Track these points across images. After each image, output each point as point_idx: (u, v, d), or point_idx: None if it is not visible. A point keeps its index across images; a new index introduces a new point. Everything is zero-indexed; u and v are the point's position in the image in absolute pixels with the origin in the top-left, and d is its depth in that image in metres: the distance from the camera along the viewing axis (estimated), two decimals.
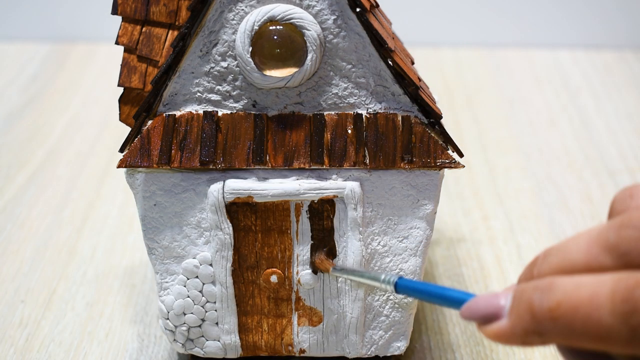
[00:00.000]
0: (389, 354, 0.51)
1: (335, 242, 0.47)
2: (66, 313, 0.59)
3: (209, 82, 0.45)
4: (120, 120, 0.49)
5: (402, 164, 0.45)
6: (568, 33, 1.03)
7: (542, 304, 0.27)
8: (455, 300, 0.34)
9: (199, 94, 0.46)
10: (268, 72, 0.44)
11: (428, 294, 0.37)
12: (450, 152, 0.46)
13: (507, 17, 1.03)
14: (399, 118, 0.45)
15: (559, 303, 0.27)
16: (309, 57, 0.44)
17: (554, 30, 1.03)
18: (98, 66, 0.98)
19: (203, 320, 0.49)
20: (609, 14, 1.02)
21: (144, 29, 0.48)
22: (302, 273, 0.48)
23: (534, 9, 1.03)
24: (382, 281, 0.41)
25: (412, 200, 0.47)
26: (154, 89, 0.45)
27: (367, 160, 0.45)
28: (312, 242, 0.47)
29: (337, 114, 0.46)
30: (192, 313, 0.49)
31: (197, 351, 0.50)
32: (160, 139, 0.45)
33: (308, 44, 0.44)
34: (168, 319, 0.49)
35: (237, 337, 0.49)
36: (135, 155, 0.45)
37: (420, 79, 0.48)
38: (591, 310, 0.26)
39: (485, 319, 0.30)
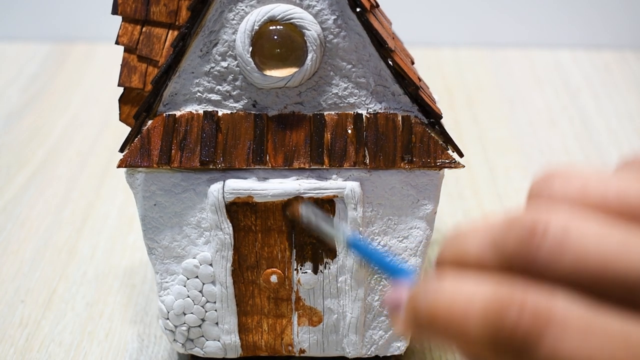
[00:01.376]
0: (389, 354, 0.51)
1: (335, 242, 0.47)
2: (66, 313, 0.59)
3: (209, 82, 0.45)
4: (120, 120, 0.49)
5: (402, 164, 0.45)
6: (568, 33, 1.03)
7: (424, 306, 0.27)
8: (393, 271, 0.33)
9: (199, 93, 0.46)
10: (268, 72, 0.44)
11: (373, 260, 0.36)
12: (450, 152, 0.46)
13: (507, 17, 1.03)
14: (399, 118, 0.45)
15: (437, 308, 0.26)
16: (309, 57, 0.44)
17: (554, 30, 1.03)
18: (98, 66, 0.98)
19: (203, 320, 0.49)
20: (609, 14, 1.02)
21: (144, 29, 0.48)
22: (302, 273, 0.48)
23: (534, 9, 1.03)
24: (341, 233, 0.41)
25: (412, 200, 0.47)
26: (154, 88, 0.45)
27: (367, 160, 0.45)
28: (312, 242, 0.47)
29: (337, 113, 0.46)
30: (192, 313, 0.49)
31: (197, 351, 0.50)
32: (160, 138, 0.45)
33: (308, 44, 0.44)
34: (168, 319, 0.49)
35: (237, 337, 0.49)
36: (135, 155, 0.45)
37: (420, 79, 0.48)
38: (463, 321, 0.25)
39: (393, 310, 0.30)
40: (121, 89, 0.48)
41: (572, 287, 0.24)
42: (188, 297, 0.48)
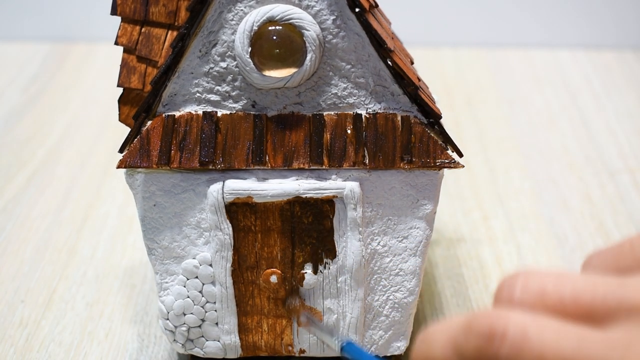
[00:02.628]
0: (389, 354, 0.51)
1: (335, 242, 0.47)
2: (66, 313, 0.59)
3: (208, 83, 0.45)
4: (120, 120, 0.49)
5: (401, 164, 0.45)
6: (568, 33, 1.03)
7: None
8: None
9: (198, 94, 0.46)
10: (267, 73, 0.44)
11: None
12: (450, 152, 0.46)
13: (507, 17, 1.03)
14: (399, 118, 0.45)
15: None
16: (308, 57, 0.44)
17: (554, 30, 1.03)
18: (98, 66, 0.98)
19: (203, 320, 0.49)
20: (609, 14, 1.02)
21: (143, 30, 0.48)
22: (302, 273, 0.48)
23: (534, 9, 1.03)
24: (335, 340, 0.42)
25: (411, 200, 0.47)
26: (154, 89, 0.45)
27: (367, 161, 0.45)
28: (312, 242, 0.47)
29: (337, 114, 0.46)
30: (192, 313, 0.49)
31: (197, 351, 0.50)
32: (160, 139, 0.45)
33: (307, 44, 0.44)
34: (168, 319, 0.49)
35: (237, 338, 0.49)
36: (135, 155, 0.45)
37: (419, 79, 0.48)
38: None
39: None
40: (121, 90, 0.48)
41: None
42: (188, 297, 0.48)
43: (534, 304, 0.26)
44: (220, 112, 0.46)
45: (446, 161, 0.45)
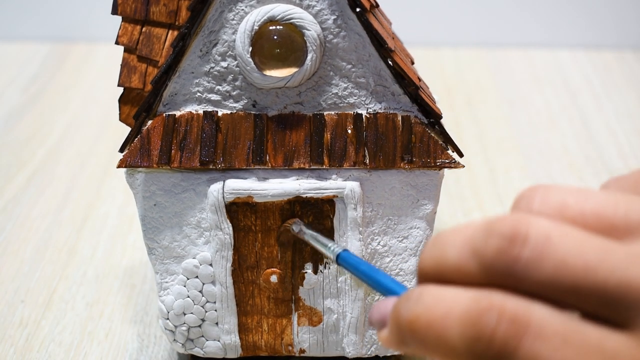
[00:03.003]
0: (389, 354, 0.51)
1: (335, 242, 0.47)
2: (66, 313, 0.59)
3: (208, 82, 0.45)
4: (120, 120, 0.49)
5: (402, 164, 0.45)
6: (568, 33, 1.03)
7: (405, 315, 0.27)
8: (385, 288, 0.33)
9: (198, 94, 0.46)
10: (268, 72, 0.44)
11: (363, 274, 0.36)
12: (450, 152, 0.46)
13: (507, 17, 1.03)
14: (399, 118, 0.45)
15: (418, 316, 0.26)
16: (308, 57, 0.44)
17: (554, 30, 1.03)
18: (98, 66, 0.98)
19: (203, 320, 0.49)
20: (609, 14, 1.02)
21: (144, 29, 0.48)
22: (302, 273, 0.48)
23: (534, 9, 1.03)
24: (328, 248, 0.41)
25: (412, 200, 0.47)
26: (154, 89, 0.45)
27: (367, 160, 0.45)
28: None
29: (337, 113, 0.46)
30: (192, 313, 0.49)
31: (197, 351, 0.50)
32: (160, 139, 0.45)
33: (308, 44, 0.44)
34: (168, 319, 0.49)
35: (237, 337, 0.49)
36: (135, 155, 0.45)
37: (420, 79, 0.48)
38: (442, 329, 0.26)
39: (379, 325, 0.30)
40: (121, 89, 0.48)
41: (551, 295, 0.25)
42: (188, 297, 0.48)
43: (553, 216, 0.26)
44: (220, 112, 0.46)
45: (446, 161, 0.45)
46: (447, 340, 0.26)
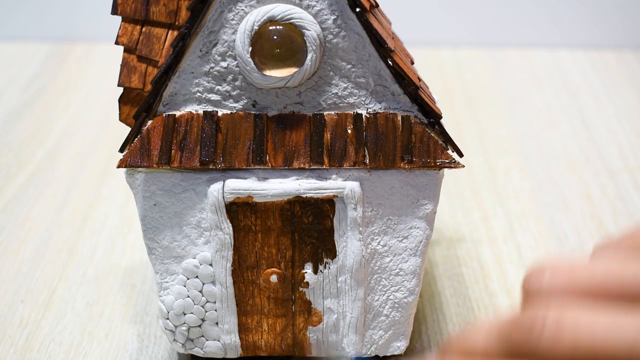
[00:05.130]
0: (389, 354, 0.51)
1: (335, 242, 0.47)
2: (66, 313, 0.59)
3: (208, 82, 0.45)
4: (120, 120, 0.49)
5: (402, 164, 0.45)
6: (568, 33, 1.03)
7: None
8: None
9: (198, 94, 0.46)
10: (268, 72, 0.44)
11: None
12: (450, 152, 0.46)
13: (507, 17, 1.03)
14: (399, 118, 0.45)
15: None
16: (308, 57, 0.44)
17: (554, 30, 1.03)
18: (98, 66, 0.98)
19: (203, 320, 0.49)
20: (609, 14, 1.02)
21: (143, 29, 0.48)
22: (302, 273, 0.48)
23: (534, 9, 1.03)
24: None
25: (411, 200, 0.47)
26: (154, 89, 0.45)
27: (367, 160, 0.45)
28: (312, 242, 0.47)
29: (337, 113, 0.46)
30: (192, 313, 0.49)
31: (197, 351, 0.50)
32: (160, 139, 0.45)
33: (308, 44, 0.44)
34: (168, 319, 0.49)
35: (237, 337, 0.49)
36: (135, 155, 0.45)
37: (420, 79, 0.48)
38: None
39: None
40: (121, 89, 0.48)
41: None
42: (188, 297, 0.48)
43: (563, 292, 0.29)
44: (220, 112, 0.46)
45: (446, 161, 0.45)
46: None
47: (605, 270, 0.28)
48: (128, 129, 0.48)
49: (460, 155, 0.46)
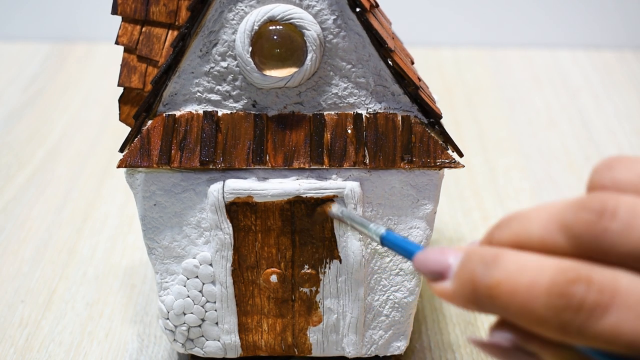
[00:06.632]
0: (389, 354, 0.51)
1: (335, 242, 0.47)
2: (66, 313, 0.59)
3: (208, 82, 0.45)
4: (120, 120, 0.49)
5: (402, 164, 0.45)
6: (568, 33, 1.03)
7: (484, 280, 0.27)
8: None
9: (198, 94, 0.46)
10: (268, 72, 0.44)
11: (411, 255, 0.36)
12: (450, 152, 0.46)
13: (507, 17, 1.03)
14: (399, 118, 0.45)
15: (499, 283, 0.27)
16: (308, 57, 0.44)
17: (554, 30, 1.03)
18: (98, 66, 0.98)
19: (203, 320, 0.49)
20: (609, 14, 1.02)
21: (143, 29, 0.48)
22: (302, 273, 0.48)
23: (534, 9, 1.03)
24: (370, 229, 0.40)
25: (411, 200, 0.47)
26: (154, 89, 0.45)
27: (367, 160, 0.45)
28: (312, 242, 0.47)
29: (337, 113, 0.46)
30: (192, 313, 0.49)
31: (197, 351, 0.50)
32: (160, 139, 0.45)
33: (308, 44, 0.44)
34: (168, 319, 0.49)
35: (237, 337, 0.49)
36: (135, 155, 0.45)
37: (420, 79, 0.48)
38: (528, 298, 0.26)
39: (433, 275, 0.30)
40: (121, 89, 0.48)
41: (638, 266, 0.26)
42: (188, 297, 0.48)
43: (637, 185, 0.27)
44: (220, 112, 0.46)
45: (446, 161, 0.45)
46: (532, 309, 0.26)
47: None
48: (128, 129, 0.48)
49: (460, 155, 0.46)
